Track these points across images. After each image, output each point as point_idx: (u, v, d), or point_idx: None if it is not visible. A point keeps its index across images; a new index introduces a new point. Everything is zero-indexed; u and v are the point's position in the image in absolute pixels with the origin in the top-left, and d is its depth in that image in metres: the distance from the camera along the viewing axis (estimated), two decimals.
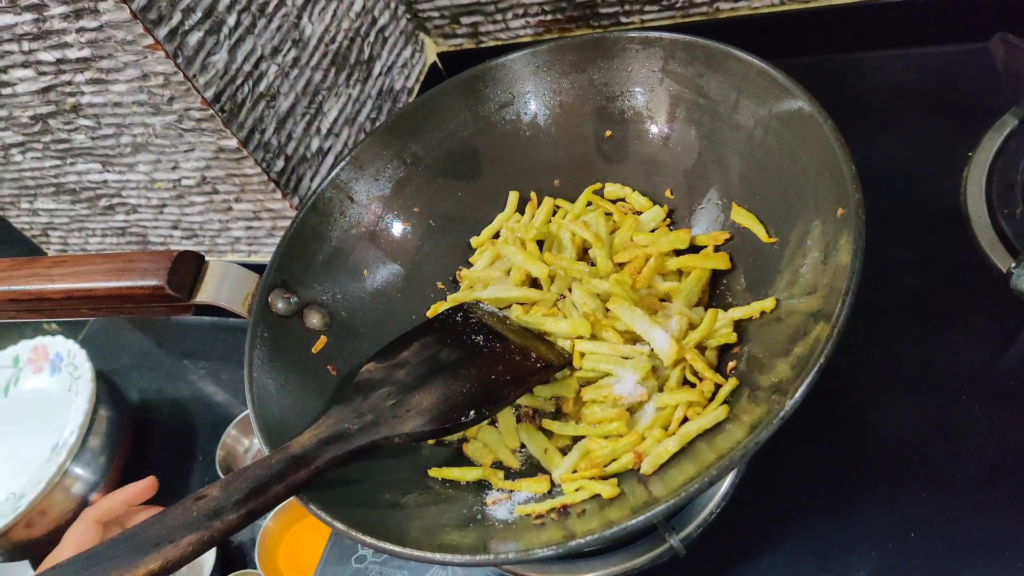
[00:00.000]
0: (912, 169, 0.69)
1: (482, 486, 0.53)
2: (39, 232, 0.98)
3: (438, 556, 0.43)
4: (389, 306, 0.66)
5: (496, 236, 0.68)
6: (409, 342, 0.58)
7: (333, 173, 0.65)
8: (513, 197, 0.68)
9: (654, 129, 0.63)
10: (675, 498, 0.41)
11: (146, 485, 0.71)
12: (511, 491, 0.52)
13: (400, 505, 0.51)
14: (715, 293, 0.58)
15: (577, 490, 0.50)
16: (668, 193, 0.63)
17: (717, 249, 0.58)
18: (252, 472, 0.45)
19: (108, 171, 0.80)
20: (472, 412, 0.50)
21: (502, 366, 0.54)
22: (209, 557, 0.75)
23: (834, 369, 0.41)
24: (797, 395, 0.41)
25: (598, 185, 0.66)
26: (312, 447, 0.47)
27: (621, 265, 0.60)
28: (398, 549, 0.44)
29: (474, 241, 0.68)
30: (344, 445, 0.47)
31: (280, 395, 0.55)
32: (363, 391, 0.53)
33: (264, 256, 0.87)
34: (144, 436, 0.92)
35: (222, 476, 0.77)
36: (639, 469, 0.49)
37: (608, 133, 0.65)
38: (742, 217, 0.56)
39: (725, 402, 0.49)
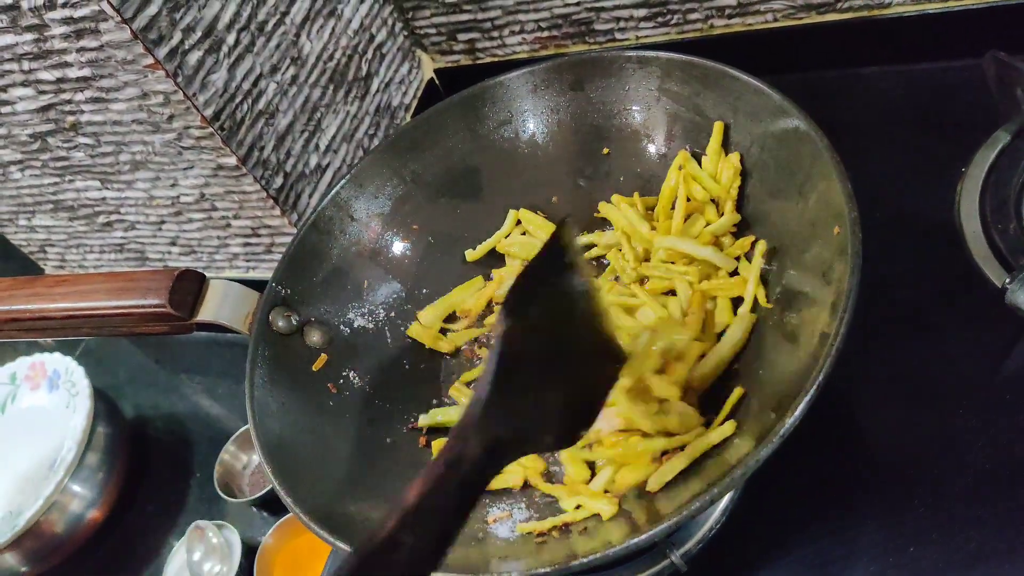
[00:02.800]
0: (906, 184, 0.70)
1: (483, 503, 0.54)
2: (37, 249, 0.98)
3: (440, 575, 0.43)
4: (390, 323, 0.66)
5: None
6: (531, 289, 0.43)
7: (333, 191, 0.65)
8: (512, 215, 0.68)
9: (651, 148, 0.63)
10: (676, 517, 0.42)
11: None
12: (512, 509, 0.52)
13: None
14: None
15: (577, 507, 0.50)
16: None
17: None
18: (438, 506, 0.34)
19: (107, 188, 0.80)
20: (584, 429, 0.44)
21: (600, 353, 0.46)
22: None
23: (831, 383, 0.42)
24: (797, 412, 0.41)
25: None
26: (480, 462, 0.36)
27: None
28: None
29: (469, 255, 0.69)
30: (498, 463, 0.38)
31: (281, 413, 0.56)
32: (509, 375, 0.40)
33: (262, 272, 0.87)
34: (142, 452, 0.91)
35: (220, 493, 0.77)
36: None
37: (606, 151, 0.66)
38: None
39: (730, 418, 0.49)
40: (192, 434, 0.92)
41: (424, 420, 0.60)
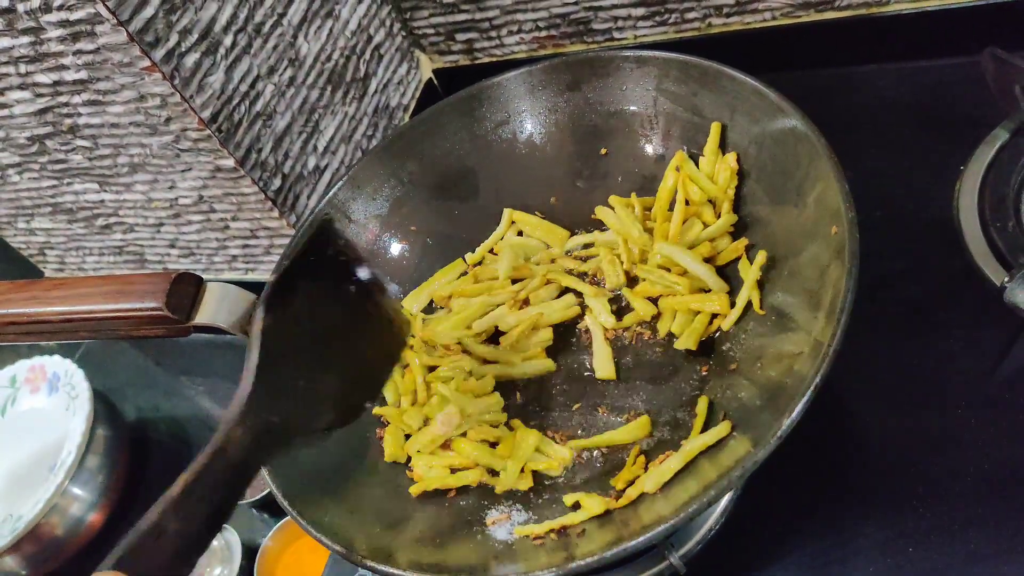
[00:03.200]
0: (904, 182, 0.70)
1: (483, 506, 0.54)
2: (36, 251, 0.98)
3: None
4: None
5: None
6: (291, 285, 0.47)
7: (331, 193, 0.65)
8: (507, 215, 0.68)
9: (649, 148, 0.63)
10: (675, 518, 0.42)
11: None
12: (511, 511, 0.52)
13: (400, 525, 0.51)
14: None
15: (575, 505, 0.50)
16: None
17: None
18: (204, 493, 0.37)
19: (105, 191, 0.80)
20: (369, 404, 0.48)
21: (380, 335, 0.49)
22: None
23: (829, 383, 0.42)
24: (795, 413, 0.41)
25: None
26: (248, 447, 0.40)
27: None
28: (398, 572, 0.44)
29: (470, 258, 0.69)
30: (273, 447, 0.42)
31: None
32: (274, 363, 0.44)
33: (261, 274, 0.87)
34: (142, 455, 0.91)
35: None
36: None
37: (603, 151, 0.66)
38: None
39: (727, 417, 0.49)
40: (192, 436, 0.91)
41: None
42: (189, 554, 0.35)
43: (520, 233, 0.68)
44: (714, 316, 0.56)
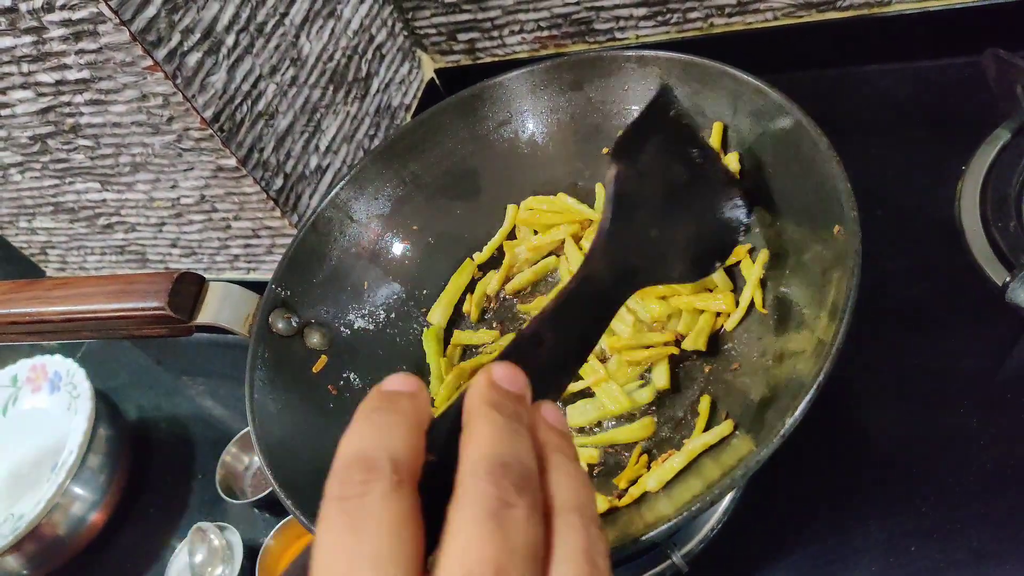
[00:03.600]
0: (906, 182, 0.70)
1: None
2: (38, 251, 0.98)
3: None
4: (390, 325, 0.66)
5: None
6: (643, 137, 0.49)
7: (333, 192, 0.65)
8: (512, 211, 0.68)
9: None
10: (677, 517, 0.41)
11: None
12: None
13: None
14: None
15: None
16: None
17: None
18: (575, 311, 0.39)
19: (107, 190, 0.80)
20: (717, 263, 0.51)
21: (721, 199, 0.52)
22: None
23: (831, 382, 0.42)
24: (798, 411, 0.41)
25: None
26: (608, 280, 0.42)
27: None
28: None
29: (478, 257, 0.69)
30: (631, 284, 0.43)
31: (281, 415, 0.55)
32: (626, 209, 0.46)
33: (263, 274, 0.87)
34: (143, 454, 0.91)
35: (222, 494, 0.77)
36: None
37: (606, 151, 0.66)
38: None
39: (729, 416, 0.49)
40: (194, 436, 0.92)
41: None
42: (566, 365, 0.37)
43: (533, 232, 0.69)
44: (717, 315, 0.56)
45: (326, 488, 0.27)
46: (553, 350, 0.36)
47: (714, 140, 0.58)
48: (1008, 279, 0.56)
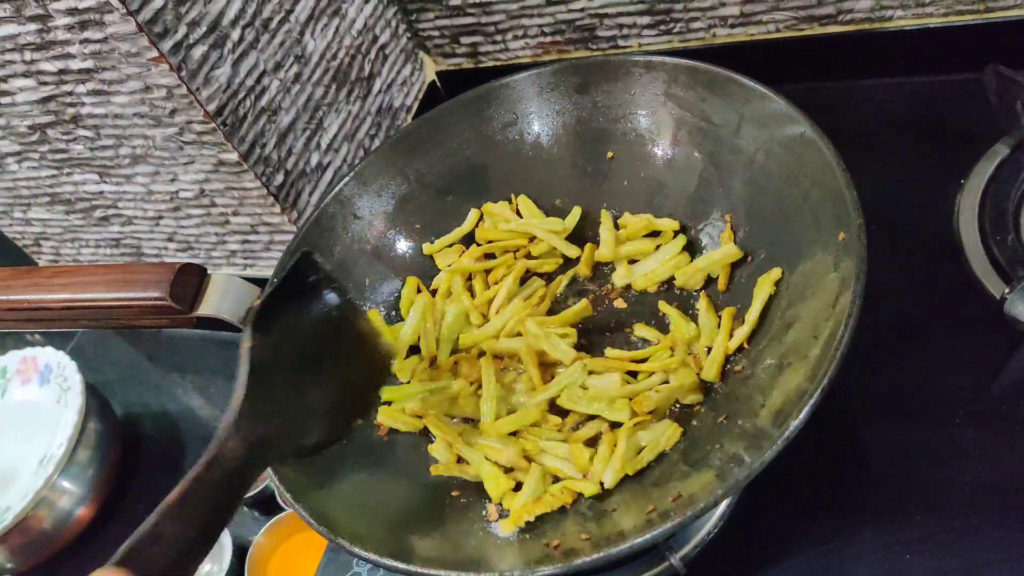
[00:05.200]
0: (905, 196, 0.70)
1: (483, 501, 0.53)
2: (31, 242, 0.97)
3: (442, 572, 0.43)
4: (391, 322, 0.66)
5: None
6: (276, 310, 0.50)
7: (337, 188, 0.65)
8: (473, 213, 0.69)
9: (657, 151, 0.64)
10: (676, 519, 0.42)
11: None
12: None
13: (400, 519, 0.51)
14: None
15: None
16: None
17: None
18: (200, 500, 0.39)
19: (105, 182, 0.80)
20: (360, 420, 0.52)
21: (362, 358, 0.54)
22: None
23: (830, 392, 0.42)
24: (801, 416, 0.41)
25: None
26: (242, 458, 0.42)
27: None
28: (400, 565, 0.44)
29: (426, 248, 0.69)
30: (266, 458, 0.44)
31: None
32: (261, 381, 0.46)
33: (260, 270, 0.86)
34: (132, 450, 0.91)
35: None
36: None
37: (610, 154, 0.66)
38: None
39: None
40: (183, 432, 0.91)
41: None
42: (188, 559, 0.36)
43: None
44: None
45: None
46: (176, 546, 0.35)
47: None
48: (1006, 292, 0.57)
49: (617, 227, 0.65)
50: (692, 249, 0.62)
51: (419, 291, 0.66)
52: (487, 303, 0.64)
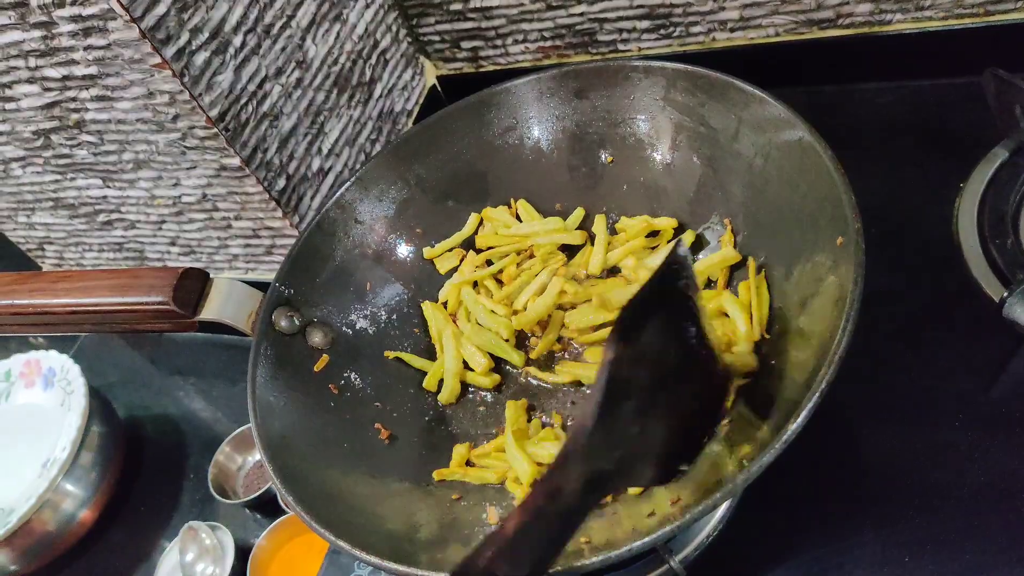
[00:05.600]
0: (905, 199, 0.70)
1: (484, 504, 0.54)
2: (35, 246, 0.97)
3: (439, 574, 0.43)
4: (392, 326, 0.66)
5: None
6: (644, 317, 0.42)
7: (338, 193, 0.66)
8: (473, 218, 0.69)
9: (656, 156, 0.64)
10: (676, 522, 0.42)
11: None
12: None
13: (402, 522, 0.51)
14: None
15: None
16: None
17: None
18: (535, 535, 0.34)
19: (108, 187, 0.80)
20: (684, 466, 0.43)
21: (704, 388, 0.44)
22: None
23: (830, 394, 0.42)
24: (800, 419, 0.41)
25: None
26: (579, 492, 0.36)
27: None
28: (402, 568, 0.44)
29: (427, 252, 0.69)
30: (597, 495, 0.38)
31: (282, 412, 0.56)
32: (616, 401, 0.39)
33: (262, 274, 0.87)
34: (135, 453, 0.91)
35: (215, 494, 0.76)
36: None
37: (610, 159, 0.66)
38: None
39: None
40: (186, 435, 0.91)
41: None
42: None
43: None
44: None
45: None
46: None
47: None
48: (1005, 295, 0.57)
49: (615, 232, 0.65)
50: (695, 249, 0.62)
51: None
52: (507, 298, 0.65)
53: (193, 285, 0.55)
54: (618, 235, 0.65)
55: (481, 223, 0.70)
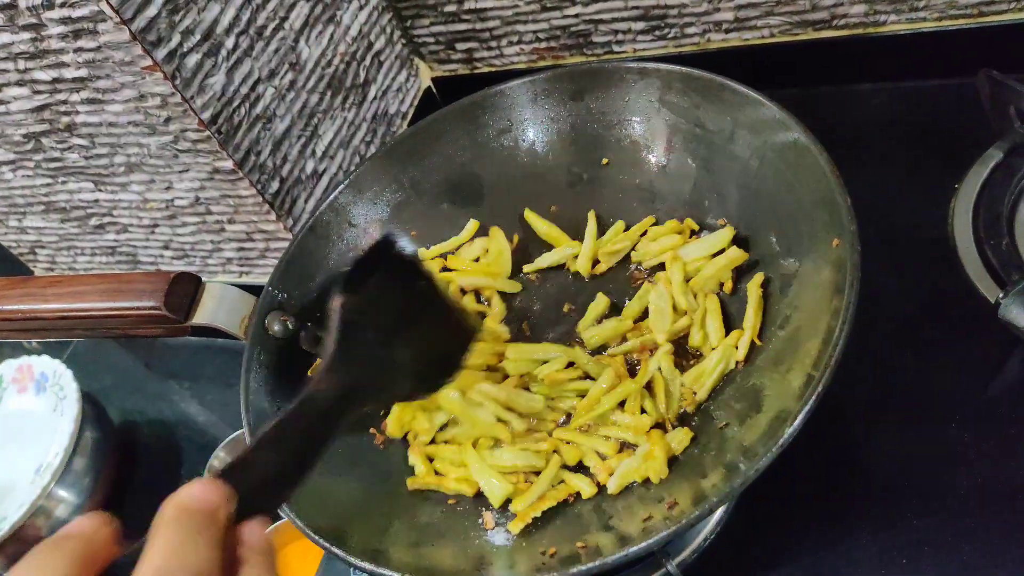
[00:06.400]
0: (899, 200, 0.70)
1: (480, 509, 0.53)
2: (27, 250, 0.97)
3: None
4: None
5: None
6: (365, 274, 0.52)
7: (332, 196, 0.65)
8: (472, 224, 0.69)
9: (651, 158, 0.64)
10: (673, 526, 0.42)
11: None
12: (507, 516, 0.52)
13: (397, 528, 0.51)
14: None
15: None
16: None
17: None
18: (293, 432, 0.40)
19: (100, 190, 0.80)
20: (447, 380, 0.53)
21: (448, 326, 0.55)
22: None
23: (825, 397, 0.42)
24: (796, 422, 0.41)
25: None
26: (332, 400, 0.43)
27: None
28: (397, 575, 0.44)
29: (421, 253, 0.69)
30: (354, 404, 0.44)
31: (276, 417, 0.55)
32: (351, 335, 0.48)
33: (255, 277, 0.86)
34: (129, 458, 0.90)
35: None
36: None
37: (605, 161, 0.66)
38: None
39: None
40: (180, 440, 0.91)
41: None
42: (281, 484, 0.38)
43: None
44: None
45: None
46: (269, 469, 0.37)
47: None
48: (1000, 296, 0.57)
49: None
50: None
51: None
52: None
53: (185, 290, 0.55)
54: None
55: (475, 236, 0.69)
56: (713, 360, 0.54)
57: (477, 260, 0.67)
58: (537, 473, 0.53)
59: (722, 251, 0.58)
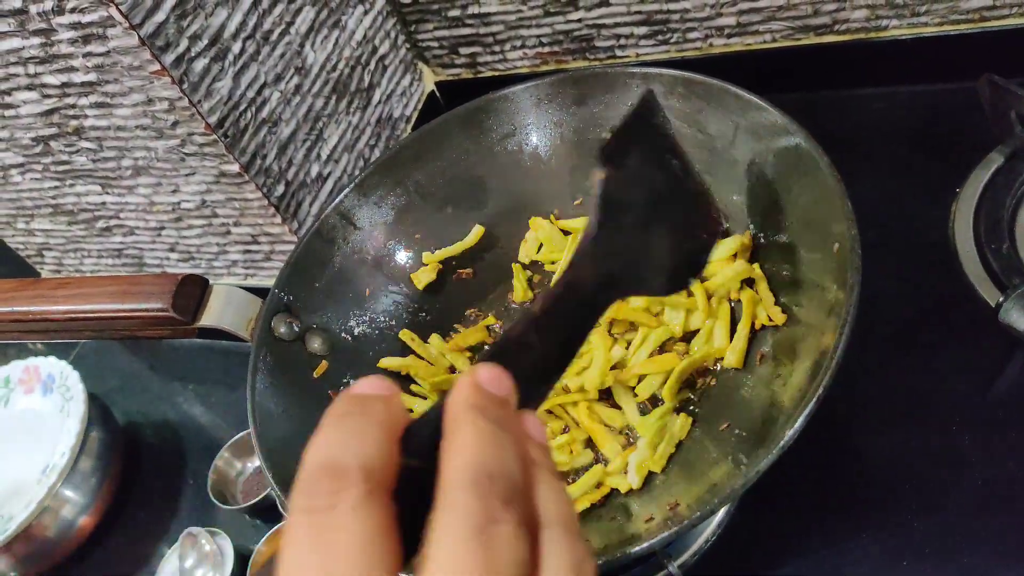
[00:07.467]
0: (901, 204, 0.71)
1: None
2: (34, 252, 0.97)
3: None
4: (391, 332, 0.66)
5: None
6: (629, 143, 0.47)
7: (337, 199, 0.66)
8: (477, 230, 0.69)
9: None
10: (675, 527, 0.42)
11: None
12: None
13: None
14: None
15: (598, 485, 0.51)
16: None
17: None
18: (560, 317, 0.37)
19: (107, 193, 0.80)
20: (691, 277, 0.48)
21: (698, 211, 0.49)
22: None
23: (827, 400, 0.42)
24: (797, 424, 0.42)
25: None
26: (593, 288, 0.39)
27: None
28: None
29: (425, 256, 0.69)
30: (613, 295, 0.40)
31: (282, 418, 0.56)
32: (613, 216, 0.42)
33: (261, 280, 0.87)
34: (134, 459, 0.91)
35: (214, 500, 0.76)
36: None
37: None
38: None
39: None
40: (185, 441, 0.91)
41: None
42: (549, 373, 0.35)
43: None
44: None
45: (292, 500, 0.24)
46: (538, 356, 0.34)
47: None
48: (1001, 300, 0.57)
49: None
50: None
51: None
52: None
53: (192, 292, 0.56)
54: None
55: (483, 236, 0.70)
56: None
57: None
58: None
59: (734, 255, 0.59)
